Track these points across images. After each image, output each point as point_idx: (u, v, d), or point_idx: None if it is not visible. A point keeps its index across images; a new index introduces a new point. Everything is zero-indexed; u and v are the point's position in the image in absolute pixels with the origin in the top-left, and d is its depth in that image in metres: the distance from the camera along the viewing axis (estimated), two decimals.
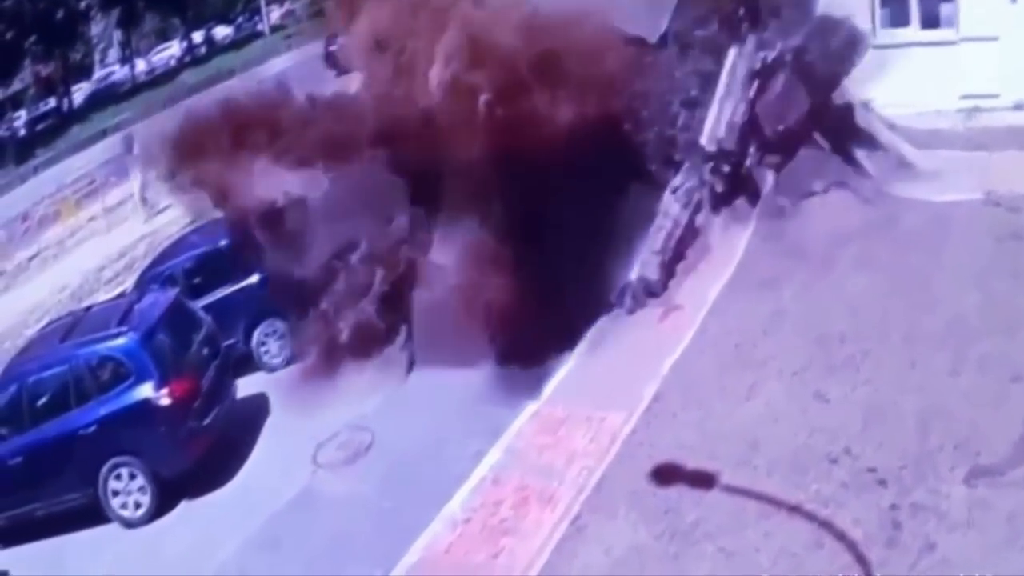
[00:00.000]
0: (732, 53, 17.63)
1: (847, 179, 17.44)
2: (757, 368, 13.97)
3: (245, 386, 18.34)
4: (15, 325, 25.43)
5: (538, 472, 13.58)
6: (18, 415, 16.44)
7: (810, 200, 17.25)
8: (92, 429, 15.97)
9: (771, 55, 17.55)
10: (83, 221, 33.26)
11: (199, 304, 18.43)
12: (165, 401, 15.93)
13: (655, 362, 14.78)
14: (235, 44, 65.07)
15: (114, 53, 69.18)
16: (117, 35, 68.01)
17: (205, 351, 17.37)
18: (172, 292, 18.15)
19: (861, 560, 10.50)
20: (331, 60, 32.11)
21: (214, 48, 66.54)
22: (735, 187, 17.59)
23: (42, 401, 16.52)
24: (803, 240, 16.39)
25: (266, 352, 19.52)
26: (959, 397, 12.29)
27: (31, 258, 31.90)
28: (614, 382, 14.83)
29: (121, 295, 20.97)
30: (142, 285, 19.76)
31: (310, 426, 16.18)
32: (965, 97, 19.20)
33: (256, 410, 17.71)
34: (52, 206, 34.95)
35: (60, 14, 58.94)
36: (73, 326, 17.67)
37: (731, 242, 17.09)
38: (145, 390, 15.99)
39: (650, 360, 14.89)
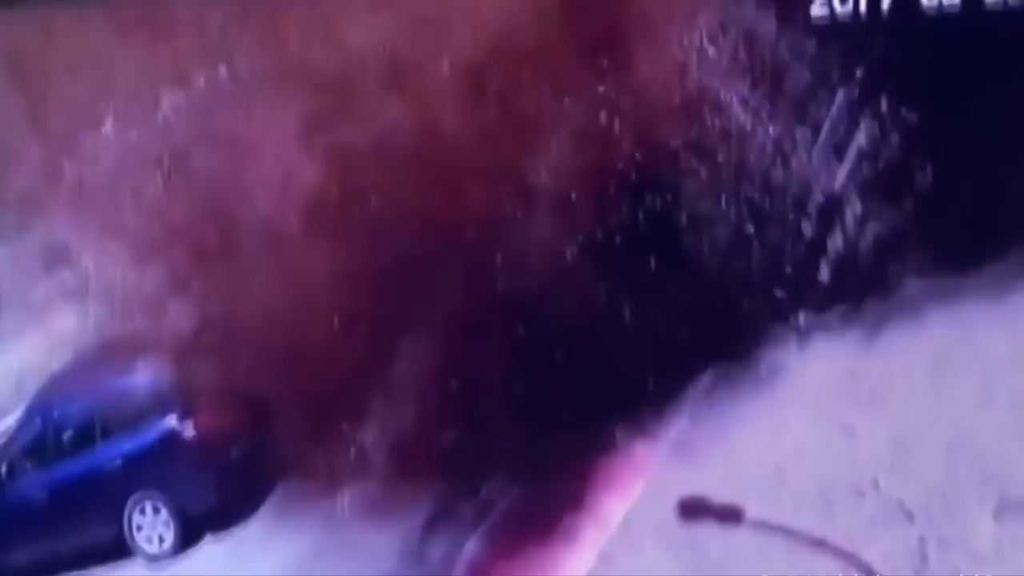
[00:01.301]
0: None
1: None
2: (783, 400, 13.87)
3: None
4: (42, 355, 25.38)
5: (563, 505, 13.53)
6: (43, 450, 16.46)
7: None
8: (117, 463, 15.98)
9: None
10: None
11: None
12: (189, 433, 15.88)
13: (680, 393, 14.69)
14: None
15: None
16: None
17: None
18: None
19: None
20: None
21: None
22: None
23: (67, 435, 16.48)
24: None
25: None
26: (988, 430, 12.13)
27: (58, 287, 31.81)
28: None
29: None
30: None
31: None
32: None
33: None
34: None
35: None
36: (99, 357, 17.65)
37: None
38: (169, 422, 15.96)
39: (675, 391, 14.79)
